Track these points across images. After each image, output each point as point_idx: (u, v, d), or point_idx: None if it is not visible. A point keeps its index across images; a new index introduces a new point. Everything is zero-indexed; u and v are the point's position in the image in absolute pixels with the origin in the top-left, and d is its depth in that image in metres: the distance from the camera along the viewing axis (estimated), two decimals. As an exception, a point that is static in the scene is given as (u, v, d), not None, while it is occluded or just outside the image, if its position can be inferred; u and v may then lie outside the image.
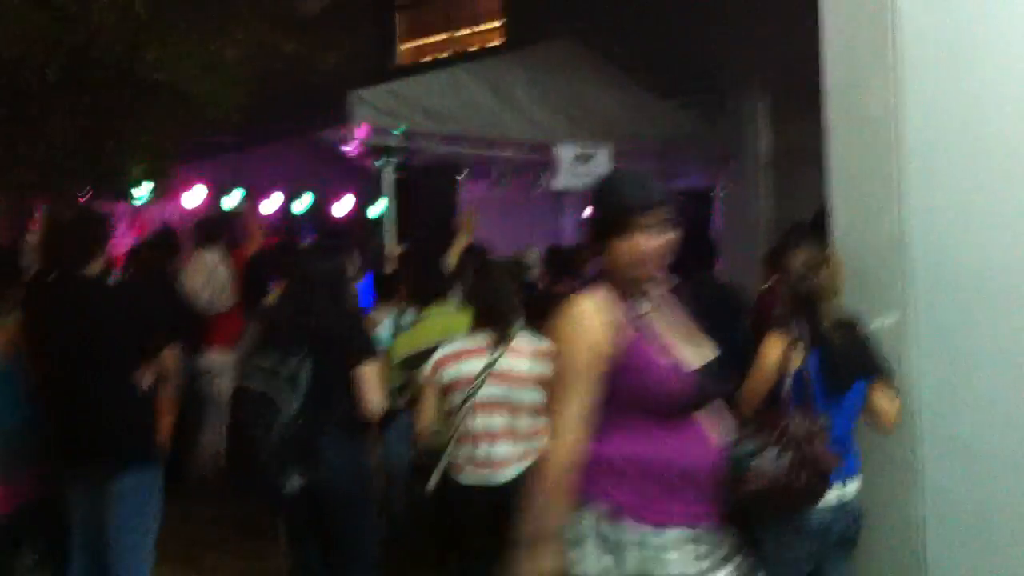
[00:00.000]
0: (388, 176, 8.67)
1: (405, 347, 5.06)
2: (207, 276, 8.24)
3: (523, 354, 4.41)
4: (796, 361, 3.68)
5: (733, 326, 6.77)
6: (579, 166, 9.46)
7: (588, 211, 2.95)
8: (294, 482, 4.25)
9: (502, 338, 4.39)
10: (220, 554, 6.55)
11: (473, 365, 4.35)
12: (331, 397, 4.29)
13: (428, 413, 4.43)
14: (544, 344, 4.51)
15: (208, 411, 8.07)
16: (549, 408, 2.87)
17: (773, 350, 3.77)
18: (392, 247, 8.38)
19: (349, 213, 12.51)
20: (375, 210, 11.79)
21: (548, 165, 9.51)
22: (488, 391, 4.33)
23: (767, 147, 11.42)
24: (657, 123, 10.24)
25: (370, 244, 9.71)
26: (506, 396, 4.35)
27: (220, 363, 8.04)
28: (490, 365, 4.35)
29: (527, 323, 6.08)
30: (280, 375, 4.23)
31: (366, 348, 4.42)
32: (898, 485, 3.64)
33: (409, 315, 5.69)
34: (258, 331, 6.04)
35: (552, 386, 2.88)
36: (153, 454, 4.53)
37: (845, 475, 3.62)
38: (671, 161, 10.63)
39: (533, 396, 4.39)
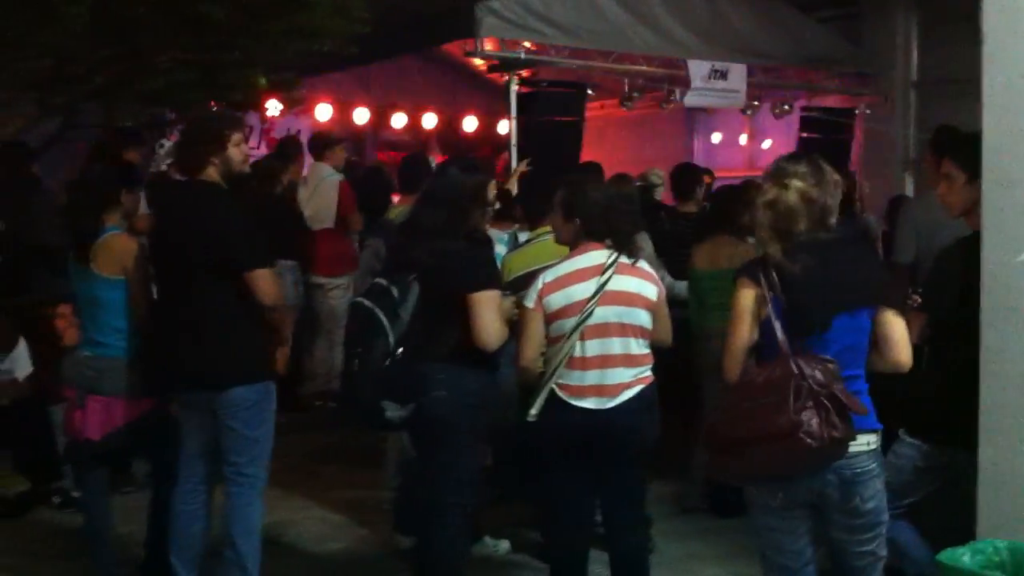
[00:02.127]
0: (513, 92, 8.46)
1: (518, 266, 4.88)
2: (313, 189, 8.21)
3: (631, 274, 4.20)
4: (764, 307, 3.34)
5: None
6: (713, 82, 9.13)
7: None
8: (392, 411, 4.14)
9: (615, 256, 4.18)
10: (330, 482, 6.57)
11: (582, 288, 4.14)
12: (439, 326, 4.14)
13: (535, 344, 4.19)
14: (646, 266, 4.32)
15: (320, 328, 8.12)
16: None
17: (744, 299, 3.42)
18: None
19: (477, 129, 12.41)
20: (503, 127, 11.69)
21: (680, 81, 9.19)
22: (601, 313, 4.13)
23: (913, 66, 10.83)
24: (796, 40, 9.78)
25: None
26: (619, 317, 4.16)
27: (330, 280, 8.07)
28: (602, 287, 4.14)
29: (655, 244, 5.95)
30: (391, 295, 4.10)
31: (483, 276, 4.20)
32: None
33: (525, 235, 5.55)
34: (378, 247, 6.00)
35: None
36: (256, 375, 4.36)
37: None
38: (810, 79, 10.19)
39: (644, 318, 4.19)
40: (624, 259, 4.19)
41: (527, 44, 8.33)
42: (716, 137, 13.08)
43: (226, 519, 4.43)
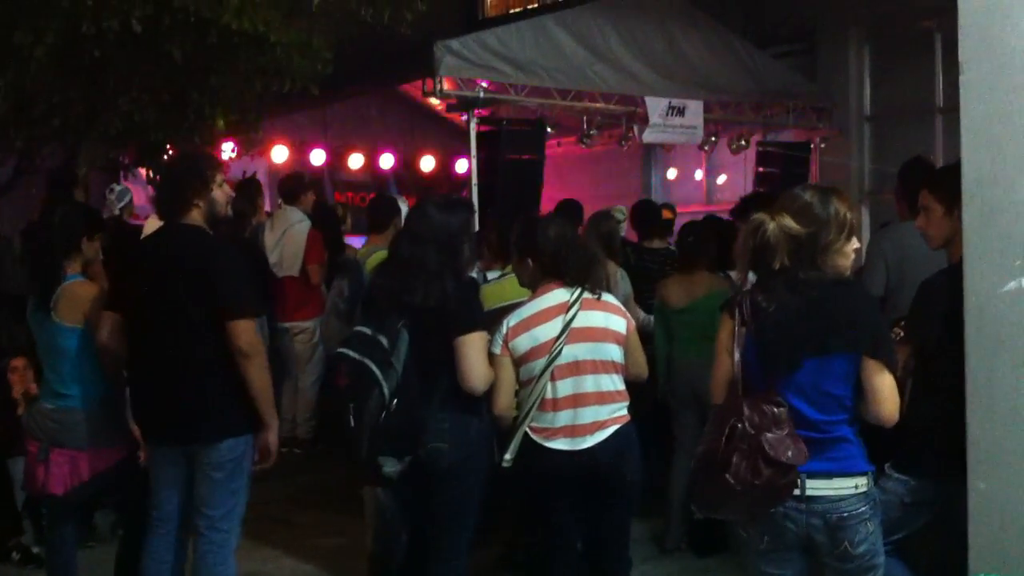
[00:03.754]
0: (473, 130, 8.44)
1: (488, 302, 4.78)
2: (281, 234, 8.02)
3: (597, 308, 4.15)
4: (740, 340, 3.31)
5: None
6: (671, 119, 9.16)
7: None
8: (391, 466, 3.98)
9: (579, 292, 4.11)
10: (300, 530, 6.40)
11: (548, 329, 4.08)
12: (434, 372, 4.01)
13: (507, 389, 4.12)
14: (612, 299, 4.27)
15: (286, 374, 7.97)
16: None
17: (722, 332, 3.40)
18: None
19: (434, 169, 12.38)
20: (460, 166, 11.67)
21: (638, 118, 9.21)
22: (571, 352, 4.06)
23: (867, 98, 10.98)
24: (752, 75, 9.87)
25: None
26: (589, 354, 4.09)
27: (296, 325, 7.95)
28: (568, 324, 4.07)
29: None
30: (380, 344, 3.93)
31: (472, 318, 4.09)
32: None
33: (494, 273, 5.48)
34: (347, 288, 5.88)
35: None
36: (242, 427, 4.20)
37: (812, 469, 3.20)
38: (766, 113, 10.27)
39: (615, 352, 4.14)
40: (588, 294, 4.14)
41: (484, 84, 8.32)
42: (672, 173, 13.14)
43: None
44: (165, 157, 7.82)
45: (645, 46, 9.16)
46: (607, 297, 4.23)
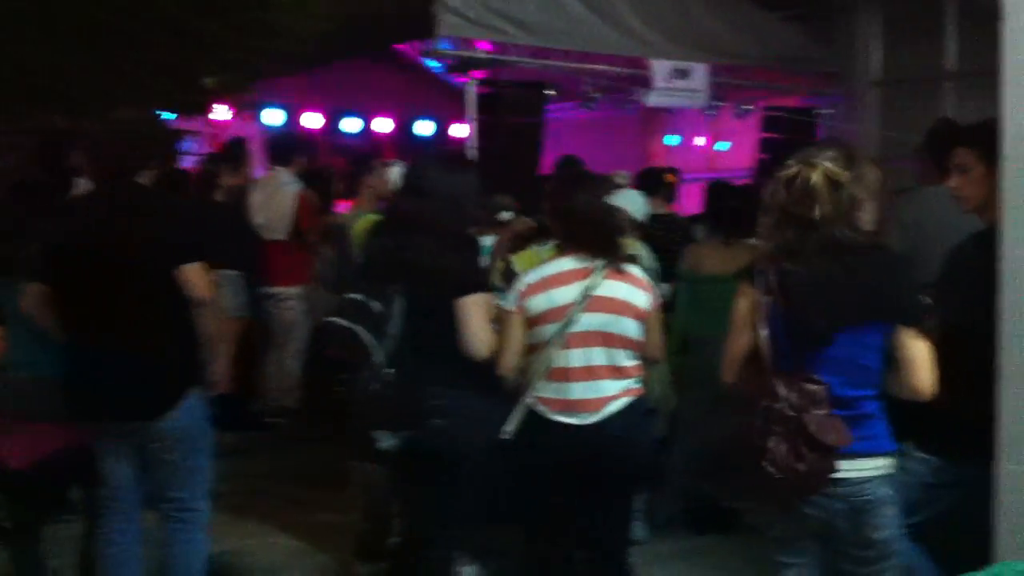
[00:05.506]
0: (472, 94, 8.16)
1: (529, 265, 4.53)
2: (268, 196, 7.74)
3: (621, 279, 3.91)
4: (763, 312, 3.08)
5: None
6: (675, 82, 8.88)
7: None
8: (386, 441, 3.77)
9: (603, 261, 3.87)
10: (285, 505, 6.11)
11: (566, 293, 3.85)
12: (436, 343, 3.79)
13: (514, 349, 3.89)
14: (639, 272, 4.03)
15: (272, 342, 7.71)
16: None
17: (740, 305, 3.19)
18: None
19: (432, 133, 12.14)
20: (459, 131, 11.41)
21: (642, 81, 8.92)
22: (587, 321, 3.83)
23: (876, 66, 10.68)
24: (761, 38, 9.57)
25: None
26: (604, 327, 3.85)
27: (283, 291, 7.67)
28: (588, 292, 3.83)
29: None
30: (371, 310, 3.72)
31: (472, 278, 3.89)
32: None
33: (487, 238, 5.23)
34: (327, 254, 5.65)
35: None
36: (189, 396, 3.96)
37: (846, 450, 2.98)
38: (773, 78, 9.98)
39: (633, 328, 3.90)
40: (613, 264, 3.90)
41: (485, 46, 8.05)
42: (674, 139, 12.87)
43: (166, 559, 4.04)
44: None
45: (652, 7, 8.86)
46: (633, 269, 4.00)
